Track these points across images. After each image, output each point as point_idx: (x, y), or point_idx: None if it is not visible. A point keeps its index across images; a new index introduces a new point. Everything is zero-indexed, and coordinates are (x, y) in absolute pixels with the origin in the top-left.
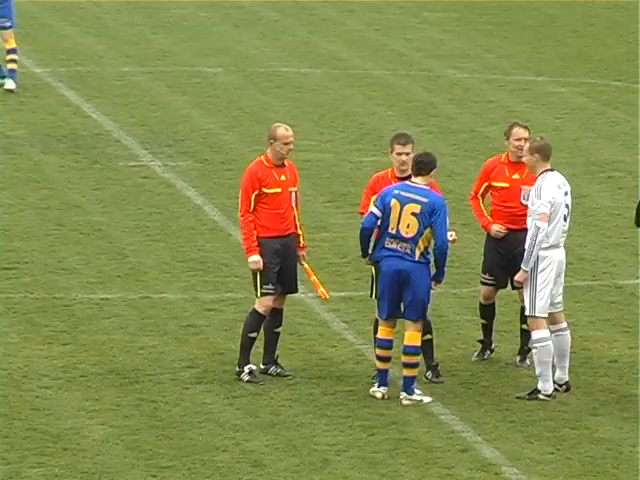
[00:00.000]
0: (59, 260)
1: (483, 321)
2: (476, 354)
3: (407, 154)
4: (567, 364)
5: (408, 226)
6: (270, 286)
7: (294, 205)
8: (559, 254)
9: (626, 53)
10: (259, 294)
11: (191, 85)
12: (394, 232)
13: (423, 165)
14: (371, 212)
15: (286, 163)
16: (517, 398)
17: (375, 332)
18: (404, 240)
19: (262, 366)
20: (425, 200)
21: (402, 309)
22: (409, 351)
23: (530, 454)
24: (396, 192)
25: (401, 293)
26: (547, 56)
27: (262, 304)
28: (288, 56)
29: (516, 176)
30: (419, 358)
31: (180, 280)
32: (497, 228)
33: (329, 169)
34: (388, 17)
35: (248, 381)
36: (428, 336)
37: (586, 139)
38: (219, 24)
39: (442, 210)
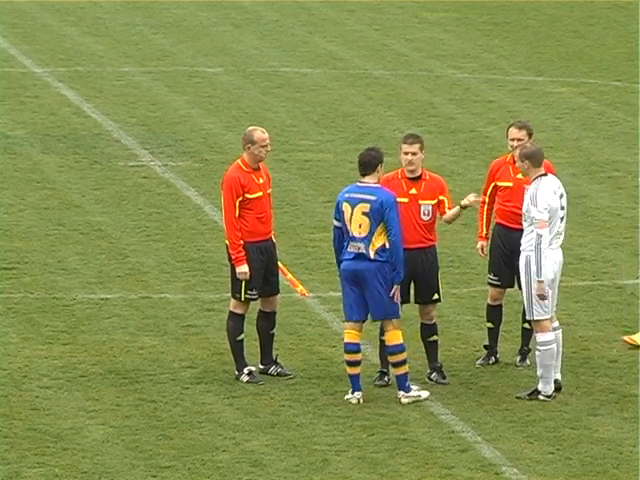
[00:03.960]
0: (59, 260)
1: (490, 324)
2: (481, 359)
3: (413, 154)
4: (559, 363)
5: (360, 226)
6: (254, 292)
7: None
8: (555, 255)
9: (626, 53)
10: (243, 298)
11: (191, 85)
12: (352, 235)
13: (365, 164)
14: (334, 226)
15: (260, 165)
16: (517, 398)
17: (381, 334)
18: (358, 240)
19: (261, 366)
20: (374, 198)
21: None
22: (391, 351)
23: (530, 454)
24: (346, 195)
25: (363, 295)
26: (547, 56)
27: (241, 307)
28: (288, 56)
29: (520, 176)
30: (404, 355)
31: (180, 280)
32: (478, 246)
33: (329, 169)
34: (388, 17)
35: (248, 382)
36: (434, 337)
37: (586, 139)
38: (219, 24)
39: (392, 207)
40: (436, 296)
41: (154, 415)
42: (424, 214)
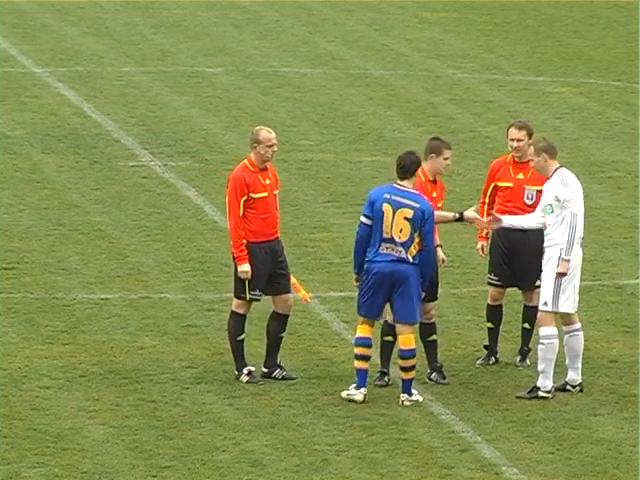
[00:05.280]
0: (59, 260)
1: (490, 324)
2: (481, 359)
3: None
4: (580, 365)
5: (401, 231)
6: (257, 292)
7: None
8: (580, 252)
9: (626, 53)
10: (248, 298)
11: (191, 85)
12: (389, 236)
13: (406, 168)
14: (362, 223)
15: (268, 166)
16: (517, 398)
17: (383, 334)
18: (397, 244)
19: (265, 370)
20: (417, 205)
21: (386, 313)
22: (406, 355)
23: (530, 454)
24: (387, 196)
25: (389, 295)
26: (547, 56)
27: (243, 307)
28: (288, 56)
29: (520, 176)
30: (415, 360)
31: (180, 280)
32: (478, 246)
33: (329, 169)
34: (388, 17)
35: (247, 382)
36: (434, 337)
37: (586, 139)
38: (219, 24)
39: (431, 217)
40: (437, 295)
41: (154, 415)
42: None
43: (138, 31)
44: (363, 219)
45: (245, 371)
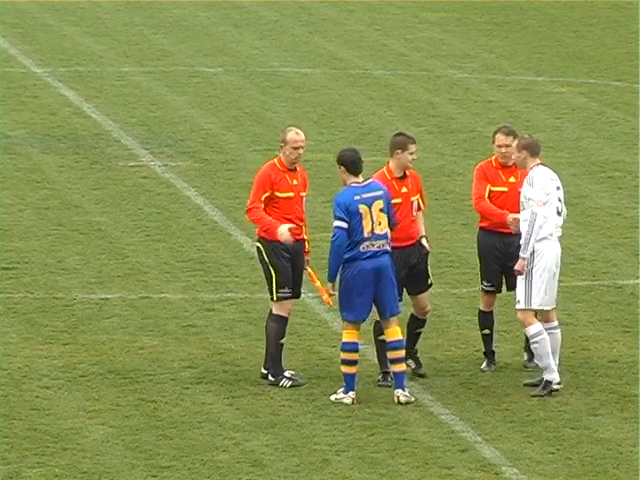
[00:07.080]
0: (59, 260)
1: (486, 331)
2: (486, 365)
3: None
4: (557, 361)
5: (380, 223)
6: (286, 289)
7: (304, 210)
8: (554, 248)
9: (626, 53)
10: (275, 298)
11: (191, 85)
12: (370, 235)
13: (360, 163)
14: (340, 228)
15: (297, 168)
16: (532, 396)
17: (377, 334)
18: (380, 238)
19: (264, 371)
20: (381, 193)
21: (379, 307)
22: (395, 346)
23: (530, 454)
24: (357, 197)
25: (375, 292)
26: (547, 56)
27: (282, 307)
28: (288, 56)
29: (512, 179)
30: (404, 352)
31: (180, 280)
32: (511, 218)
33: (329, 169)
34: (388, 17)
35: (291, 386)
36: (421, 329)
37: (586, 139)
38: (219, 24)
39: (388, 194)
40: (430, 281)
41: (154, 415)
42: (414, 209)
43: (138, 31)
44: (341, 224)
45: (287, 374)
